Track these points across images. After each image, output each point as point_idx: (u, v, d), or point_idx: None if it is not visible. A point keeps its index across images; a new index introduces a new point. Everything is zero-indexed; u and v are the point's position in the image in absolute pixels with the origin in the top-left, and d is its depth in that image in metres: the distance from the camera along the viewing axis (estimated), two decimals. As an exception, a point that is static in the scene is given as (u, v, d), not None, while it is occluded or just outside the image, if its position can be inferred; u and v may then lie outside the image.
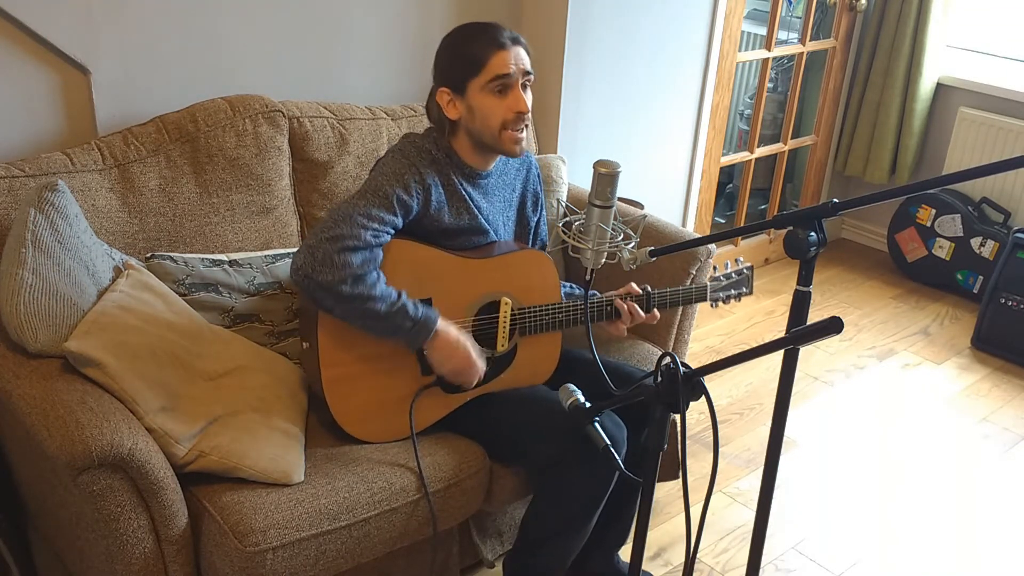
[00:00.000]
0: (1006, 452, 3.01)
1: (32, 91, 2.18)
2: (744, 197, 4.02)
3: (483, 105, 1.98)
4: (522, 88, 1.99)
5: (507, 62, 1.95)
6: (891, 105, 3.98)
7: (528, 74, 2.00)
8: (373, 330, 1.93)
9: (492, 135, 2.00)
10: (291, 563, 1.80)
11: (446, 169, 2.04)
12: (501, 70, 1.95)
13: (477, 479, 2.06)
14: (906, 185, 1.68)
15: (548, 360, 2.19)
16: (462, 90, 1.98)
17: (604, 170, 1.63)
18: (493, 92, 1.96)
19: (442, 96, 2.01)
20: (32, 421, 1.68)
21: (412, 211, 1.98)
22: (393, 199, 1.93)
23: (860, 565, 2.51)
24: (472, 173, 2.08)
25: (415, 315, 1.92)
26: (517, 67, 1.97)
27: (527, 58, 2.00)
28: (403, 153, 2.01)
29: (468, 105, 1.99)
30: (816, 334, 1.24)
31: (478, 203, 2.09)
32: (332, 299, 1.87)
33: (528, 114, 2.00)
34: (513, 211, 2.23)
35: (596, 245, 1.67)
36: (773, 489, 1.63)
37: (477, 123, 2.00)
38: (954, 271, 3.97)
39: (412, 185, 1.96)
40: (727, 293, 2.28)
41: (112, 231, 2.12)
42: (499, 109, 1.97)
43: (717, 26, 3.33)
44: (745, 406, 3.18)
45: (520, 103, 1.98)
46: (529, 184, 2.25)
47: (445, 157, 2.04)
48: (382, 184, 1.95)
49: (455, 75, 1.99)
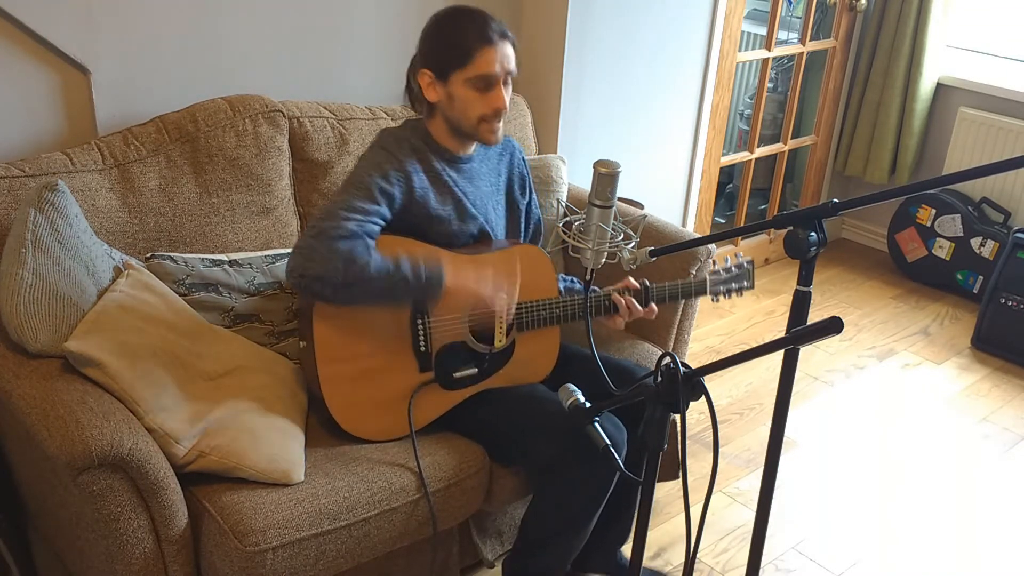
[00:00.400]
0: (1006, 452, 3.01)
1: (32, 91, 2.18)
2: (744, 197, 4.02)
3: (463, 97, 2.00)
4: (503, 85, 2.01)
5: (493, 61, 1.97)
6: (891, 105, 3.98)
7: (510, 73, 2.02)
8: (384, 301, 1.94)
9: (470, 125, 2.03)
10: (291, 563, 1.80)
11: (426, 155, 2.05)
12: (486, 69, 1.97)
13: (477, 479, 2.06)
14: (906, 185, 1.68)
15: (547, 355, 2.19)
16: (444, 77, 2.00)
17: (604, 170, 1.63)
18: (475, 87, 1.98)
19: (423, 77, 2.03)
20: (32, 421, 1.68)
21: (396, 199, 1.98)
22: (375, 189, 1.94)
23: (860, 565, 2.51)
24: (452, 157, 2.09)
25: (417, 280, 1.91)
26: (502, 67, 1.99)
27: (513, 56, 2.02)
28: (381, 145, 2.03)
29: (448, 93, 2.01)
30: (816, 334, 1.24)
31: (463, 188, 2.10)
32: (331, 289, 1.87)
33: (506, 110, 2.03)
34: (501, 196, 2.23)
35: (596, 245, 1.67)
36: (773, 489, 1.63)
37: (455, 112, 2.02)
38: (954, 271, 3.97)
39: (392, 173, 1.98)
40: (727, 287, 2.26)
41: (112, 231, 2.12)
42: (479, 104, 2.00)
43: (717, 26, 3.33)
44: (745, 406, 3.18)
45: (500, 101, 2.00)
46: (514, 168, 2.26)
47: (423, 143, 2.06)
48: (362, 176, 1.96)
49: (440, 61, 2.00)
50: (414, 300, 1.96)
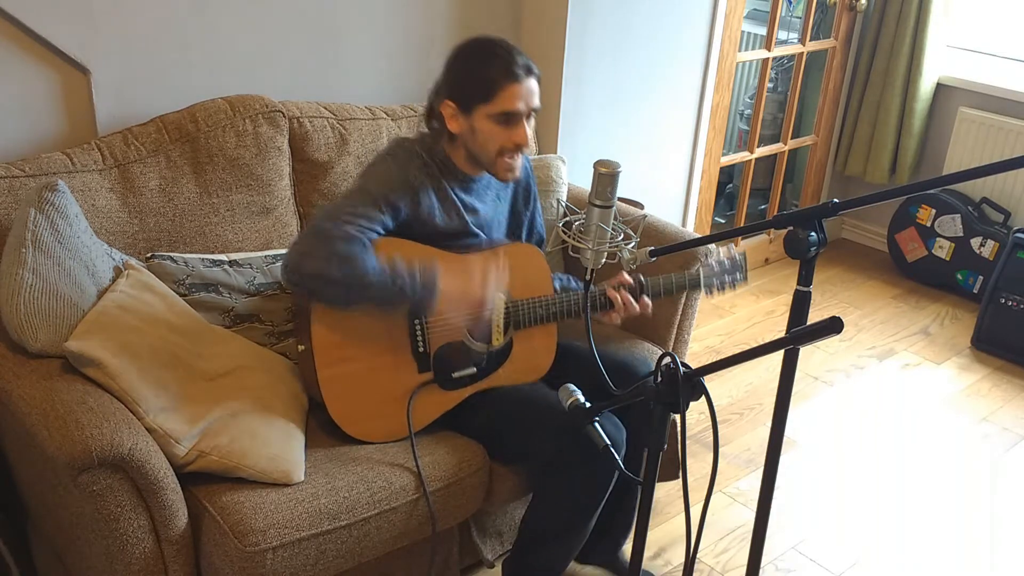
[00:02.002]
0: (1006, 452, 3.01)
1: (32, 91, 2.18)
2: (744, 197, 4.02)
3: (485, 130, 2.00)
4: (527, 120, 2.01)
5: (518, 97, 1.97)
6: (891, 105, 3.98)
7: (534, 110, 2.02)
8: (376, 302, 1.93)
9: (488, 159, 2.04)
10: (291, 563, 1.80)
11: (438, 175, 2.06)
12: (511, 106, 1.97)
13: (477, 478, 2.06)
14: (906, 185, 1.68)
15: (545, 353, 2.19)
16: (468, 110, 2.00)
17: (604, 170, 1.63)
18: (498, 122, 1.99)
19: (447, 108, 2.02)
20: (32, 421, 1.68)
21: (401, 213, 2.00)
22: (380, 200, 1.96)
23: (860, 565, 2.51)
24: (465, 179, 2.10)
25: (415, 275, 1.92)
26: (527, 104, 1.99)
27: (537, 91, 2.02)
28: (394, 158, 2.03)
29: (471, 126, 2.01)
30: (816, 334, 1.24)
31: (471, 206, 2.10)
32: (325, 286, 1.87)
33: (527, 147, 2.03)
34: (506, 206, 2.24)
35: (596, 245, 1.66)
36: (773, 489, 1.63)
37: (476, 145, 2.03)
38: (954, 271, 3.97)
39: (400, 188, 1.99)
40: (721, 280, 2.24)
41: (112, 231, 2.12)
42: (500, 137, 2.00)
43: (717, 26, 3.33)
44: (745, 406, 3.18)
45: (522, 137, 2.01)
46: (520, 179, 2.26)
47: (439, 164, 2.06)
48: (369, 188, 1.97)
49: (464, 94, 2.00)
50: (408, 304, 1.95)
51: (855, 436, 3.05)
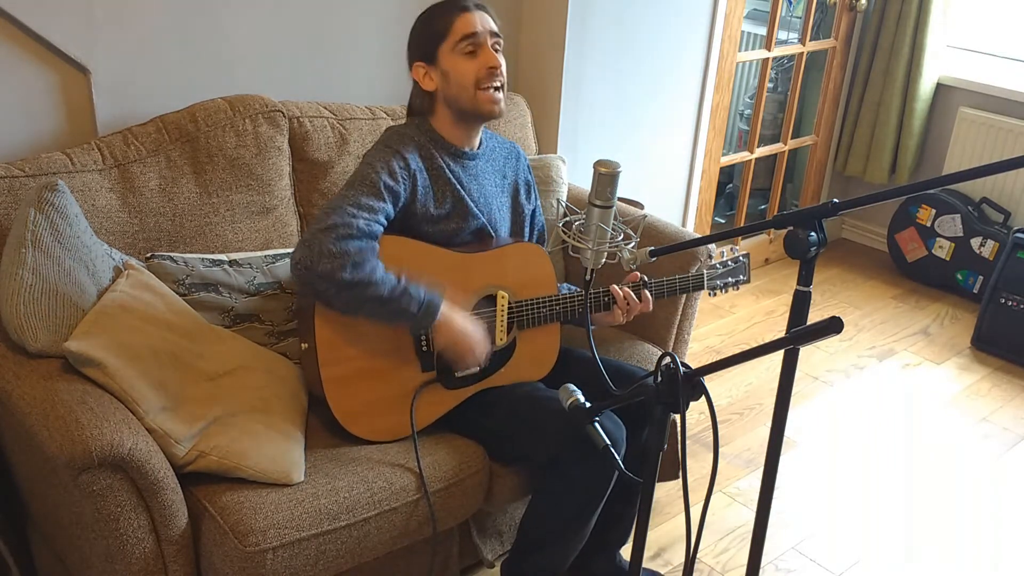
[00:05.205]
0: (1006, 452, 3.01)
1: (32, 91, 2.18)
2: (744, 197, 4.02)
3: (455, 67, 2.03)
4: (493, 49, 2.04)
5: (472, 22, 2.02)
6: (891, 105, 3.98)
7: (496, 35, 2.05)
8: (378, 316, 1.93)
9: (468, 97, 2.04)
10: (291, 563, 1.80)
11: (430, 151, 2.07)
12: (467, 30, 2.01)
13: (477, 479, 2.06)
14: (906, 185, 1.68)
15: (548, 352, 2.19)
16: (433, 58, 2.04)
17: (604, 170, 1.63)
18: (463, 54, 2.02)
19: (417, 71, 2.07)
20: (32, 421, 1.68)
21: (400, 197, 2.00)
22: (380, 185, 1.95)
23: (860, 565, 2.51)
24: (457, 152, 2.10)
25: (419, 298, 1.92)
26: (483, 27, 2.03)
27: (492, 21, 2.06)
28: (386, 142, 2.05)
29: (442, 71, 2.04)
30: (816, 334, 1.24)
31: (467, 185, 2.10)
32: (334, 288, 1.87)
33: (501, 71, 2.04)
34: (507, 197, 2.24)
35: (596, 245, 1.67)
36: (773, 489, 1.63)
37: (453, 88, 2.04)
38: (954, 271, 3.97)
39: (397, 170, 1.99)
40: (724, 281, 2.26)
41: (112, 231, 2.12)
42: (471, 68, 2.02)
43: (717, 26, 3.33)
44: (745, 406, 3.18)
45: (491, 59, 2.03)
46: (520, 173, 2.27)
47: (428, 139, 2.07)
48: (368, 173, 1.97)
49: (425, 45, 2.05)
50: (412, 322, 1.95)
51: (855, 436, 3.05)
